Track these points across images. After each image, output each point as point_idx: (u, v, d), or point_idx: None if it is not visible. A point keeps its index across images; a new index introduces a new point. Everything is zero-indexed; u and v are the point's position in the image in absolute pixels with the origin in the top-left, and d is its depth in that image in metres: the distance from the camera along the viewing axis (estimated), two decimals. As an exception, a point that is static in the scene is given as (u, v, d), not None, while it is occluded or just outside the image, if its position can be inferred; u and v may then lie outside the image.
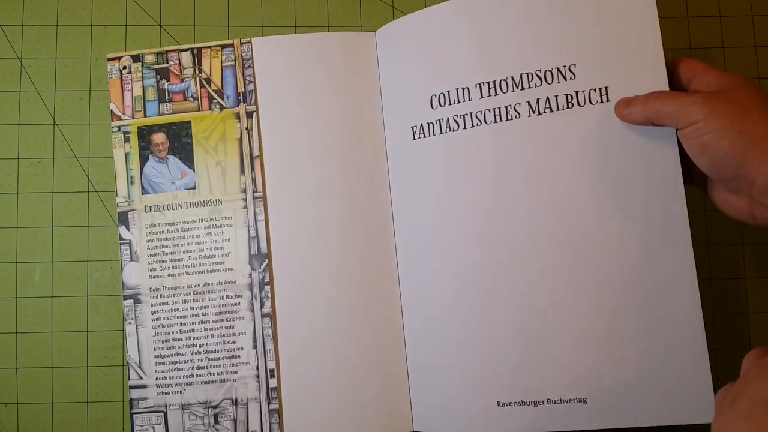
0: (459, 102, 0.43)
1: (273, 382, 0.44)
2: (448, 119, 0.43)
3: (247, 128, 0.46)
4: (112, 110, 0.47)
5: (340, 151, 0.45)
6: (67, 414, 0.46)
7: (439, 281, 0.42)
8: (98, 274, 0.48)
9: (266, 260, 0.45)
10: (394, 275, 0.45)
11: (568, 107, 0.40)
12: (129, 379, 0.45)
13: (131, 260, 0.45)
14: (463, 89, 0.43)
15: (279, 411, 0.44)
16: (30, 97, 0.49)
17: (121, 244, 0.46)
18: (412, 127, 0.44)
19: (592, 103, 0.40)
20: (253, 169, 0.46)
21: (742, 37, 0.51)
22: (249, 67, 0.46)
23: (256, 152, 0.46)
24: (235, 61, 0.47)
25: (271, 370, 0.44)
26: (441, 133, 0.43)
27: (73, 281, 0.47)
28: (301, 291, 0.45)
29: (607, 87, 0.40)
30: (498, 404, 0.40)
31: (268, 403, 0.44)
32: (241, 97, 0.46)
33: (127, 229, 0.46)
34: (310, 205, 0.45)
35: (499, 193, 0.41)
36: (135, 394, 0.44)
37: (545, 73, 0.41)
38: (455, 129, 0.43)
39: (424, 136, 0.43)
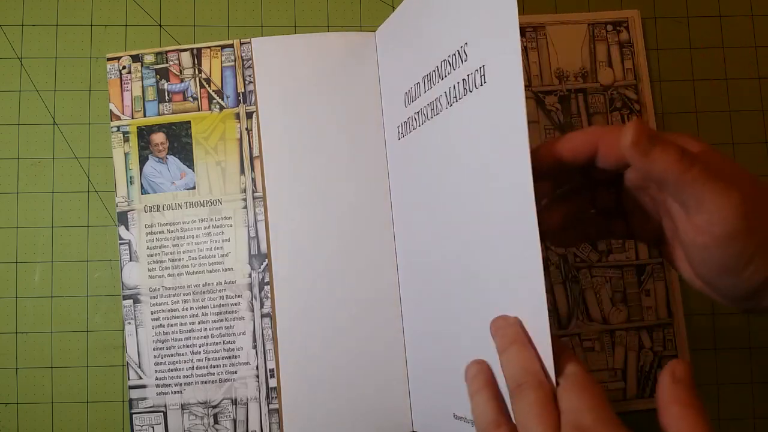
0: (416, 98, 0.41)
1: (273, 382, 0.44)
2: (413, 116, 0.41)
3: (246, 128, 0.46)
4: (111, 110, 0.47)
5: (340, 151, 0.45)
6: (67, 414, 0.46)
7: (434, 282, 0.42)
8: (98, 274, 0.48)
9: (266, 260, 0.45)
10: (394, 275, 0.45)
11: (465, 94, 0.35)
12: (129, 379, 0.45)
13: (131, 260, 0.45)
14: (417, 84, 0.41)
15: (279, 411, 0.44)
16: (30, 97, 0.49)
17: (120, 244, 0.46)
18: (397, 127, 0.44)
19: (477, 87, 0.33)
20: (252, 169, 0.46)
21: (742, 37, 0.51)
22: (249, 67, 0.46)
23: (255, 152, 0.46)
24: (234, 61, 0.47)
25: (271, 370, 0.44)
26: (410, 131, 0.42)
27: (73, 281, 0.47)
28: (301, 291, 0.45)
29: (484, 66, 0.33)
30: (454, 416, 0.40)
31: (268, 403, 0.44)
32: (240, 98, 0.46)
33: (127, 229, 0.46)
34: (310, 205, 0.45)
35: (443, 195, 0.38)
36: (135, 394, 0.44)
37: (452, 57, 0.36)
38: (415, 126, 0.41)
39: (404, 135, 0.43)
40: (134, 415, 0.44)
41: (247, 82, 0.46)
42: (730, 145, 0.50)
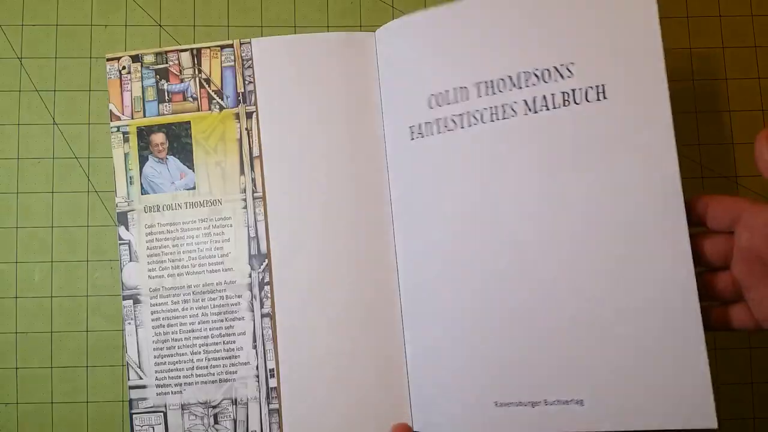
0: (457, 102, 0.43)
1: (273, 382, 0.44)
2: (445, 119, 0.43)
3: (246, 129, 0.46)
4: (111, 110, 0.47)
5: (340, 151, 0.45)
6: (67, 414, 0.46)
7: (439, 281, 0.42)
8: (98, 274, 0.48)
9: (266, 260, 0.45)
10: (393, 275, 0.45)
11: (564, 105, 0.41)
12: (128, 379, 0.45)
13: (130, 260, 0.45)
14: (462, 89, 0.43)
15: (279, 411, 0.44)
16: (30, 97, 0.49)
17: (120, 244, 0.46)
18: (410, 128, 0.44)
19: (588, 101, 0.40)
20: (252, 169, 0.46)
21: (742, 37, 0.51)
22: (249, 67, 0.46)
23: (255, 152, 0.46)
24: (234, 61, 0.47)
25: (271, 370, 0.44)
26: (439, 133, 0.43)
27: (73, 281, 0.48)
28: (300, 291, 0.45)
29: (604, 85, 0.40)
30: (495, 404, 0.40)
31: (268, 403, 0.44)
32: (240, 98, 0.46)
33: (127, 229, 0.46)
34: (309, 205, 0.45)
35: (497, 192, 0.41)
36: (134, 394, 0.45)
37: (543, 71, 0.41)
38: (452, 129, 0.43)
39: (422, 137, 0.43)
40: (134, 415, 0.44)
41: (246, 82, 0.46)
42: (730, 145, 0.50)
